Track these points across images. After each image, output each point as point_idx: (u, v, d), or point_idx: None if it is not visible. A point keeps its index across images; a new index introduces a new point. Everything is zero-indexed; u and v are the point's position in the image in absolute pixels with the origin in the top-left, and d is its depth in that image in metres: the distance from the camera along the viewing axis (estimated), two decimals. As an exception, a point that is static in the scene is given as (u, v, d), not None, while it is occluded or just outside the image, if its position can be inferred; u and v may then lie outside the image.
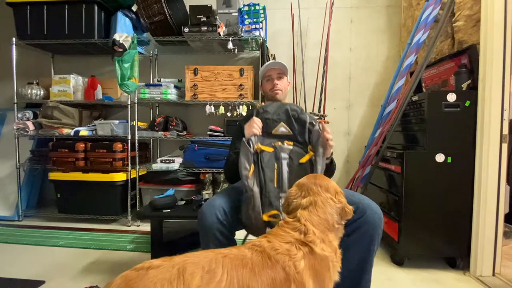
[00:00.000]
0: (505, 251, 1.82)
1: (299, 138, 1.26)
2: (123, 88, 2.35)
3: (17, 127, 2.57)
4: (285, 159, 1.21)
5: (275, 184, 1.17)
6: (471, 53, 1.78)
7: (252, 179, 1.15)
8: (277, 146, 1.23)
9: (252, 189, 1.13)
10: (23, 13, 2.56)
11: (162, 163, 2.57)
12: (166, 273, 0.65)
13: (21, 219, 2.64)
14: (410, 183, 1.75)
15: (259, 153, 1.21)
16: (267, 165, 1.19)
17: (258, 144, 1.23)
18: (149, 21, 2.51)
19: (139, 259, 1.88)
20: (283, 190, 1.16)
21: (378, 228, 1.15)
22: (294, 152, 1.23)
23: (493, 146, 1.63)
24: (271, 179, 1.17)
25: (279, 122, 1.28)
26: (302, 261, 0.78)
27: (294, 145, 1.25)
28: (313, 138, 1.24)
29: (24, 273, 1.67)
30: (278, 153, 1.22)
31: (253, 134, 1.23)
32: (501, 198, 1.65)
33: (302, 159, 1.22)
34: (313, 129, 1.24)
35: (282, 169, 1.19)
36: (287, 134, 1.27)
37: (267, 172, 1.17)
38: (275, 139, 1.26)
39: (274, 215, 1.11)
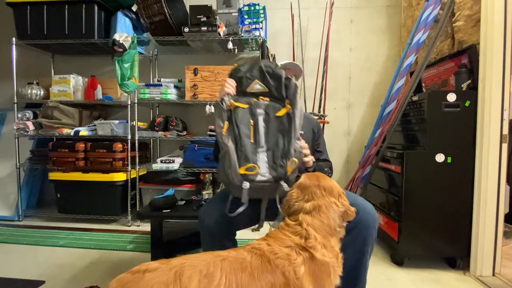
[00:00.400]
0: (505, 251, 1.82)
1: (276, 93, 1.22)
2: (123, 88, 2.35)
3: (17, 127, 2.57)
4: (261, 114, 1.18)
5: (251, 140, 1.15)
6: (471, 53, 1.78)
7: (227, 136, 1.13)
8: (252, 103, 1.20)
9: (227, 145, 1.11)
10: (23, 13, 2.56)
11: (162, 163, 2.57)
12: (162, 276, 0.64)
13: (21, 219, 2.64)
14: (410, 183, 1.75)
15: (233, 111, 1.17)
16: (241, 121, 1.16)
17: (231, 101, 1.18)
18: (149, 21, 2.51)
19: (139, 259, 1.88)
20: (260, 145, 1.14)
21: (372, 229, 1.13)
22: (270, 106, 1.20)
23: (493, 146, 1.63)
24: (247, 134, 1.15)
25: (253, 80, 1.23)
26: (302, 266, 0.77)
27: (270, 100, 1.21)
28: (290, 93, 1.20)
29: (24, 273, 1.67)
30: (254, 109, 1.18)
31: (226, 93, 1.20)
32: (501, 198, 1.65)
33: (279, 112, 1.18)
34: (289, 84, 1.20)
35: (258, 125, 1.17)
36: (263, 91, 1.23)
37: (242, 128, 1.15)
38: (251, 96, 1.22)
39: (250, 168, 1.09)
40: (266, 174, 1.11)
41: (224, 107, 1.17)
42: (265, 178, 1.11)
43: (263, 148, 1.14)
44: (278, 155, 1.13)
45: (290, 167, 1.11)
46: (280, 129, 1.16)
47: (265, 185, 1.11)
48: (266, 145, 1.15)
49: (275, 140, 1.15)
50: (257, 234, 1.75)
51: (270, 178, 1.11)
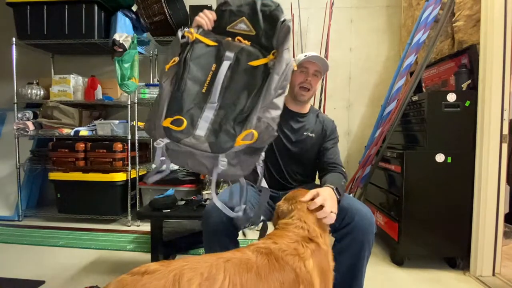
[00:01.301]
0: (505, 251, 1.82)
1: (264, 40, 0.90)
2: (123, 88, 2.35)
3: (17, 127, 2.57)
4: (228, 59, 0.87)
5: (203, 88, 0.85)
6: (471, 53, 1.78)
7: (168, 74, 0.86)
8: (223, 42, 0.90)
9: (162, 85, 0.85)
10: (23, 13, 2.55)
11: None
12: (161, 279, 0.62)
13: (21, 219, 2.64)
14: (410, 183, 1.75)
15: (191, 44, 0.88)
16: (197, 61, 0.87)
17: (192, 31, 0.89)
18: (149, 21, 2.51)
19: (139, 259, 1.88)
20: (211, 99, 0.84)
21: (368, 233, 1.09)
22: (245, 51, 0.88)
23: (493, 146, 1.63)
24: (198, 79, 0.86)
25: (240, 16, 0.92)
26: (311, 259, 0.79)
27: (251, 44, 0.90)
28: (279, 38, 0.87)
29: (24, 273, 1.67)
30: (222, 51, 0.88)
31: (197, 25, 0.92)
32: (501, 198, 1.65)
33: (254, 61, 0.87)
34: (282, 28, 0.87)
35: (219, 71, 0.86)
36: (248, 32, 0.91)
37: (193, 69, 0.86)
38: (227, 35, 0.92)
39: (176, 121, 0.81)
40: (200, 136, 0.81)
41: (181, 38, 0.88)
42: (196, 141, 0.81)
43: (214, 104, 0.84)
44: (231, 117, 0.83)
45: (240, 139, 0.81)
46: (247, 84, 0.86)
47: (195, 152, 0.82)
48: (220, 102, 0.85)
49: (235, 98, 0.85)
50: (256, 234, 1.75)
51: (203, 144, 0.80)
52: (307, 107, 1.45)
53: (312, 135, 1.39)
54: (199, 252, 1.98)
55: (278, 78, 0.84)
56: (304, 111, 1.43)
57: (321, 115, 1.47)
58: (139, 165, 2.62)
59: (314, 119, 1.43)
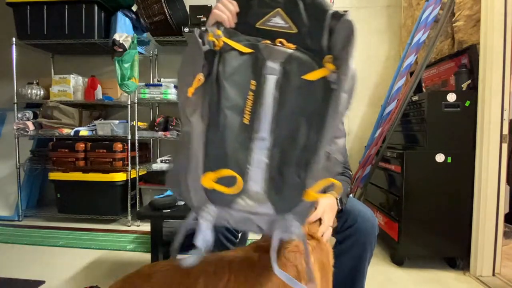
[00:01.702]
0: (505, 251, 1.82)
1: (309, 41, 0.65)
2: (123, 88, 2.35)
3: (17, 127, 2.57)
4: (273, 72, 0.62)
5: (244, 118, 0.61)
6: (471, 53, 1.78)
7: (195, 102, 0.62)
8: (261, 47, 0.64)
9: (189, 121, 0.61)
10: (23, 13, 2.55)
11: (162, 163, 2.57)
12: (168, 277, 0.63)
13: (21, 219, 2.64)
14: (410, 183, 1.75)
15: (220, 54, 0.64)
16: (231, 79, 0.62)
17: (222, 37, 0.64)
18: (149, 21, 2.51)
19: (139, 259, 1.88)
20: (259, 133, 0.60)
21: (371, 236, 1.07)
22: (295, 60, 0.63)
23: (493, 146, 1.63)
24: (237, 107, 0.61)
25: (273, 7, 0.66)
26: (312, 255, 0.79)
27: (296, 49, 0.64)
28: (338, 41, 0.62)
29: (24, 273, 1.67)
30: (262, 60, 0.63)
31: (215, 21, 0.66)
32: (501, 198, 1.65)
33: (310, 74, 0.62)
34: (338, 26, 0.62)
35: (264, 91, 0.62)
36: (287, 30, 0.65)
37: (230, 92, 0.61)
38: (261, 36, 0.66)
39: (226, 179, 0.59)
40: (258, 193, 0.60)
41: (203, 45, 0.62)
42: (253, 203, 0.60)
43: (265, 140, 0.61)
44: (292, 158, 0.61)
45: (312, 189, 0.59)
46: (305, 107, 0.62)
47: (253, 217, 0.61)
48: (272, 135, 0.61)
49: (292, 129, 0.61)
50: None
51: (263, 204, 0.60)
52: None
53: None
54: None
55: (347, 97, 0.61)
56: None
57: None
58: (139, 165, 2.62)
59: None
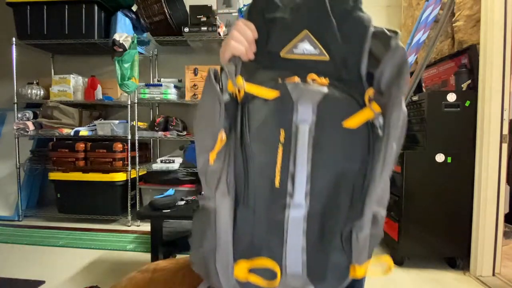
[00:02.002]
0: (505, 251, 1.82)
1: (344, 70, 0.54)
2: (123, 88, 2.35)
3: (17, 127, 2.57)
4: (306, 120, 0.49)
5: (276, 182, 0.49)
6: (471, 53, 1.78)
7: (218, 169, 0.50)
8: (290, 87, 0.50)
9: (213, 195, 0.50)
10: (23, 13, 2.55)
11: (162, 163, 2.57)
12: (171, 276, 0.64)
13: (21, 219, 2.64)
14: (410, 183, 1.75)
15: (243, 104, 0.52)
16: (258, 134, 0.50)
17: (241, 80, 0.52)
18: (149, 21, 2.51)
19: (139, 259, 1.88)
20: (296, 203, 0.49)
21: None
22: (331, 99, 0.50)
23: (493, 146, 1.63)
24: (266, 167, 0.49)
25: (299, 30, 0.54)
26: None
27: (330, 85, 0.51)
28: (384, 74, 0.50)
29: (24, 273, 1.67)
30: (291, 104, 0.50)
31: (232, 55, 0.57)
32: (501, 198, 1.65)
33: (351, 118, 0.49)
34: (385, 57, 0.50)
35: (296, 144, 0.49)
36: (317, 58, 0.53)
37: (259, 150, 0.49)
38: (285, 68, 0.54)
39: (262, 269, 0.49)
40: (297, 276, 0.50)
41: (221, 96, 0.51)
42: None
43: (301, 206, 0.49)
44: (335, 229, 0.50)
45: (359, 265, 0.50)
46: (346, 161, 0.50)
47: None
48: (310, 200, 0.49)
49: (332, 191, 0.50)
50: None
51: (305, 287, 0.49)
52: None
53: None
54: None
55: (397, 148, 0.47)
56: None
57: None
58: (139, 165, 2.62)
59: None
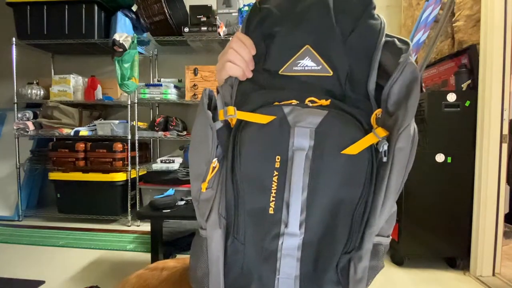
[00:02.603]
0: (505, 251, 1.82)
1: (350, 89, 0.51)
2: (123, 88, 2.35)
3: (17, 127, 2.57)
4: (302, 145, 0.47)
5: (270, 209, 0.49)
6: (471, 53, 1.78)
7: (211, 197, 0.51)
8: (286, 110, 0.48)
9: (205, 225, 0.51)
10: (23, 13, 2.55)
11: (162, 163, 2.57)
12: (179, 275, 0.65)
13: (21, 219, 2.64)
14: (410, 183, 1.74)
15: (236, 130, 0.50)
16: (251, 162, 0.48)
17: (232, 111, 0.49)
18: (149, 21, 2.51)
19: (139, 259, 1.88)
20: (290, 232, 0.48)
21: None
22: (330, 123, 0.47)
23: (493, 146, 1.63)
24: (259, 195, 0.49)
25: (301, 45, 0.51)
26: None
27: (332, 105, 0.49)
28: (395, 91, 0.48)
29: (24, 273, 1.67)
30: (287, 128, 0.48)
31: (228, 76, 0.53)
32: (501, 198, 1.65)
33: (353, 146, 0.46)
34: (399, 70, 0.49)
35: (291, 170, 0.47)
36: (319, 74, 0.50)
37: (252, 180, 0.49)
38: (283, 87, 0.51)
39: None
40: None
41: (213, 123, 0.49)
42: None
43: (296, 237, 0.49)
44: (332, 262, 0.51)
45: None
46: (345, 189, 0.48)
47: None
48: (305, 229, 0.49)
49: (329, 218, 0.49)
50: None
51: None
52: None
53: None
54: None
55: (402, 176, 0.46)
56: None
57: None
58: (139, 165, 2.62)
59: None
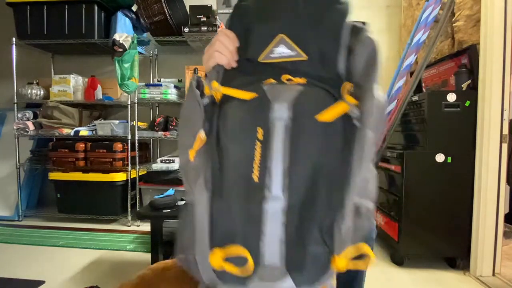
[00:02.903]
0: (505, 251, 1.82)
1: (322, 67, 0.56)
2: (123, 88, 2.35)
3: (17, 127, 2.57)
4: (281, 118, 0.52)
5: (254, 176, 0.51)
6: (471, 53, 1.78)
7: (198, 166, 0.55)
8: (266, 88, 0.54)
9: (192, 192, 0.55)
10: (23, 13, 2.55)
11: (162, 163, 2.57)
12: (181, 275, 0.65)
13: (21, 219, 2.64)
14: (410, 183, 1.75)
15: (219, 105, 0.57)
16: (234, 133, 0.54)
17: (216, 84, 0.56)
18: (149, 21, 2.51)
19: (139, 259, 1.88)
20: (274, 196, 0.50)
21: (369, 240, 1.07)
22: (306, 97, 0.53)
23: (493, 146, 1.63)
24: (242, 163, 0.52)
25: (275, 35, 0.57)
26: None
27: (308, 83, 0.55)
28: (357, 66, 0.56)
29: (24, 273, 1.67)
30: (267, 103, 0.53)
31: (215, 64, 0.59)
32: (501, 198, 1.65)
33: (325, 111, 0.52)
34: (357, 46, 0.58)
35: (272, 140, 0.51)
36: (295, 59, 0.57)
37: (234, 149, 0.53)
38: (263, 73, 0.57)
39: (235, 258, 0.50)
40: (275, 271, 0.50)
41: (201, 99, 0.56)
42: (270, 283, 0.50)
43: (279, 199, 0.51)
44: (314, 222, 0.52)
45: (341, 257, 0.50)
46: (323, 154, 0.52)
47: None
48: (287, 193, 0.51)
49: (310, 181, 0.52)
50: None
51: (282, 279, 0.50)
52: None
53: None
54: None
55: (374, 136, 0.50)
56: None
57: None
58: (139, 165, 2.62)
59: None
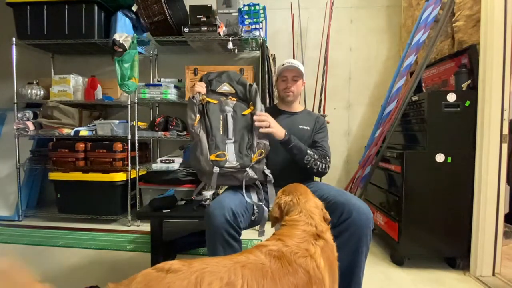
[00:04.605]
0: (505, 251, 1.82)
1: (241, 96, 1.44)
2: (123, 88, 2.35)
3: (17, 127, 2.57)
4: (229, 111, 1.38)
5: (220, 131, 1.34)
6: (471, 53, 1.78)
7: (198, 127, 1.31)
8: (222, 100, 1.40)
9: (198, 135, 1.29)
10: (23, 13, 2.55)
11: (162, 163, 2.57)
12: (184, 279, 0.64)
13: (21, 219, 2.64)
14: (410, 183, 1.75)
15: (205, 105, 1.36)
16: (213, 114, 1.35)
17: (204, 96, 1.37)
18: (149, 21, 2.51)
19: (139, 259, 1.89)
20: (229, 137, 1.34)
21: (366, 228, 1.13)
22: (237, 106, 1.41)
23: (493, 146, 1.63)
24: (217, 127, 1.34)
25: (223, 83, 1.44)
26: (321, 257, 0.80)
27: (237, 101, 1.43)
28: (252, 96, 1.42)
29: (24, 273, 1.67)
30: (223, 106, 1.39)
31: (197, 92, 1.37)
32: (501, 198, 1.65)
33: (245, 111, 1.40)
34: (251, 89, 1.42)
35: (227, 119, 1.36)
36: (230, 91, 1.44)
37: (213, 121, 1.34)
38: (219, 95, 1.42)
39: (219, 155, 1.28)
40: (233, 161, 1.28)
41: (196, 101, 1.35)
42: (233, 164, 1.27)
43: (231, 139, 1.34)
44: (244, 146, 1.32)
45: (254, 157, 1.31)
46: (245, 126, 1.37)
47: (233, 171, 1.27)
48: (234, 138, 1.34)
49: (241, 134, 1.35)
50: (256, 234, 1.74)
51: (237, 165, 1.27)
52: (298, 107, 1.64)
53: (307, 127, 1.55)
54: (199, 252, 1.98)
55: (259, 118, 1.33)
56: (295, 110, 1.62)
57: (312, 113, 1.70)
58: (139, 165, 2.62)
59: (306, 115, 1.61)
